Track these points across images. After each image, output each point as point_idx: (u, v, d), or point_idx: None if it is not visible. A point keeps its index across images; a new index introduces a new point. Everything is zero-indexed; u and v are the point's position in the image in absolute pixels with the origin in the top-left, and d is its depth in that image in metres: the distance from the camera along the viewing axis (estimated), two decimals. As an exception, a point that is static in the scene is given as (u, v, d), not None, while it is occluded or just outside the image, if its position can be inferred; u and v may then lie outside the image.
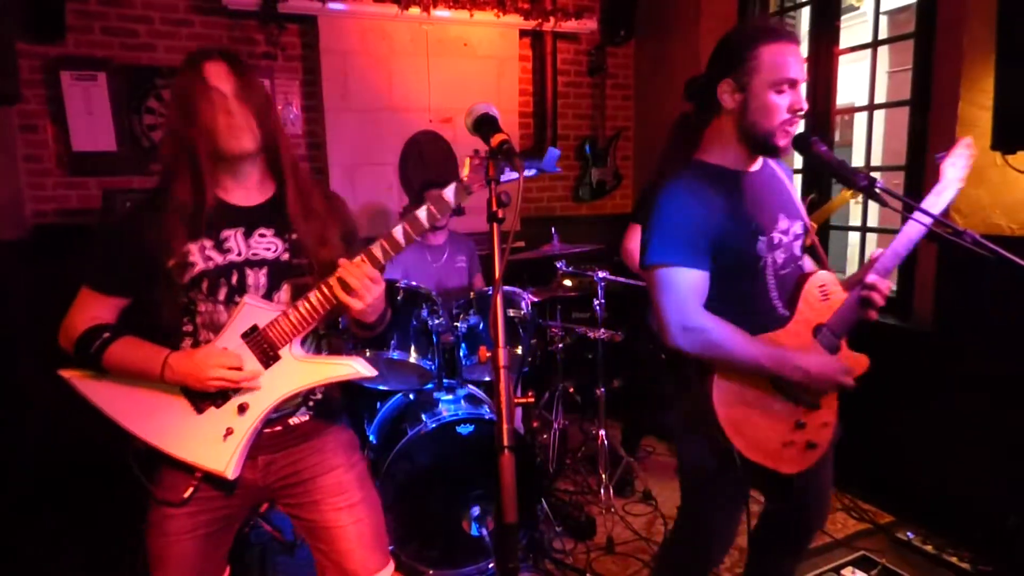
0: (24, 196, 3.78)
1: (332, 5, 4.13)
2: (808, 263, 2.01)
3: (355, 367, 1.63)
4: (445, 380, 3.03)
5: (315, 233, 1.67)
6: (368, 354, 2.79)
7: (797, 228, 1.88)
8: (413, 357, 2.84)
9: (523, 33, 4.78)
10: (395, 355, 2.82)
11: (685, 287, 1.70)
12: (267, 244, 1.66)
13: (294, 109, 4.30)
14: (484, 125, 1.40)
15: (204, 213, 1.60)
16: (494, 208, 1.27)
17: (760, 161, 1.87)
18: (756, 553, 2.26)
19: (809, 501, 2.05)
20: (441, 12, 4.38)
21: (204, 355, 1.55)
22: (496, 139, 1.34)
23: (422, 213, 1.58)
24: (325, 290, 1.58)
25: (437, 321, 2.87)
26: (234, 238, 1.64)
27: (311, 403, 1.75)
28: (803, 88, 1.76)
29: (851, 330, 1.85)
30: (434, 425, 2.70)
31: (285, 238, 1.68)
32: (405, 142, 4.49)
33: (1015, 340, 2.75)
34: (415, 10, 4.30)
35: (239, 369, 1.56)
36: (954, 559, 2.85)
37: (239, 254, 1.63)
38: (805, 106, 1.74)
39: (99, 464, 3.45)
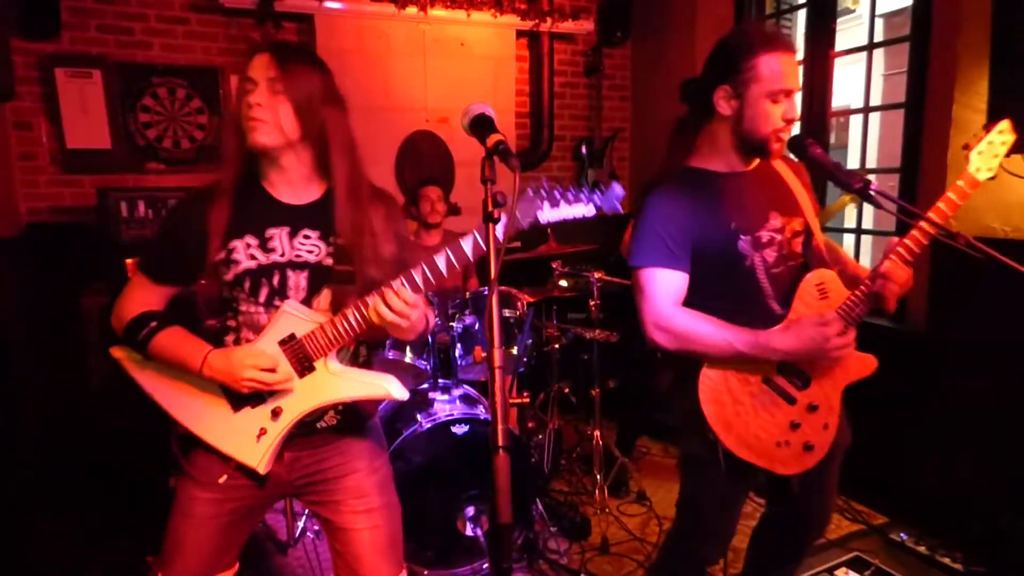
0: (18, 194, 3.77)
1: (329, 4, 4.13)
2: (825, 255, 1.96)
3: (387, 387, 1.61)
4: (440, 380, 3.02)
5: (366, 249, 1.64)
6: (363, 352, 2.78)
7: (796, 225, 1.89)
8: (408, 357, 2.84)
9: (520, 33, 4.78)
10: (391, 355, 2.82)
11: (661, 287, 1.80)
12: (311, 246, 1.64)
13: (290, 108, 4.29)
14: (480, 125, 1.39)
15: (249, 208, 1.61)
16: (490, 208, 1.27)
17: (756, 160, 1.89)
18: (754, 556, 2.27)
19: (810, 506, 2.05)
20: (438, 12, 4.38)
21: (240, 355, 1.56)
22: (492, 139, 1.33)
23: (467, 243, 1.53)
24: (363, 309, 1.56)
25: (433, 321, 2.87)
26: (279, 237, 1.63)
27: (340, 407, 1.74)
28: (797, 96, 1.78)
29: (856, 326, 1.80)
30: (429, 425, 2.70)
31: (330, 241, 1.65)
32: (401, 142, 4.49)
33: (1007, 342, 2.76)
34: (412, 9, 4.30)
35: (272, 371, 1.56)
36: (947, 560, 2.86)
37: (282, 254, 1.63)
38: (797, 114, 1.76)
39: (95, 463, 3.46)
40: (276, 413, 1.62)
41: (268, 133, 1.56)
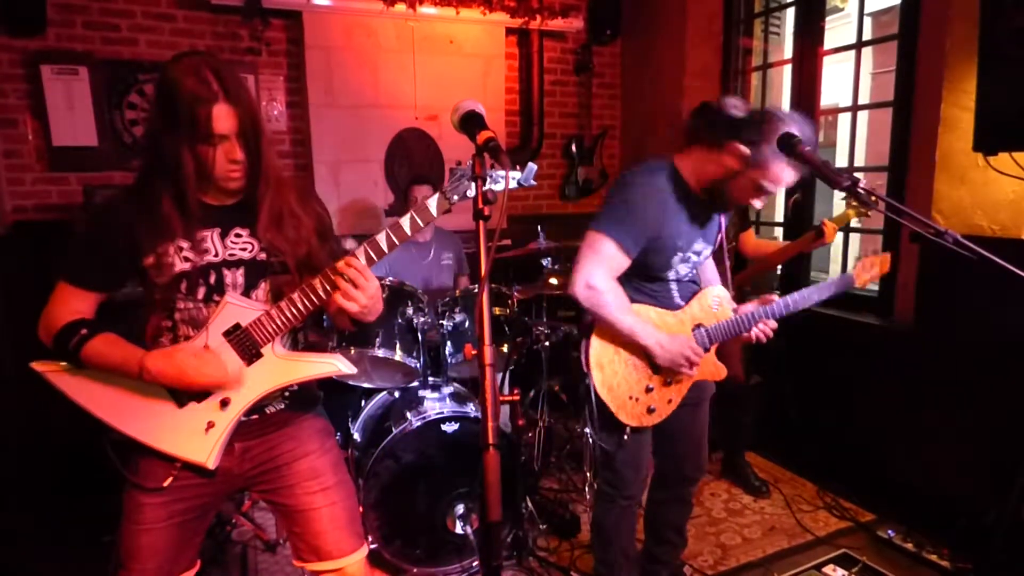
0: (3, 192, 3.72)
1: (317, 0, 4.10)
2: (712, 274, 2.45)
3: (337, 365, 1.66)
4: (430, 378, 3.02)
5: (289, 233, 1.68)
6: (353, 352, 2.78)
7: (707, 252, 2.28)
8: (398, 355, 2.83)
9: (509, 31, 4.77)
10: (380, 353, 2.81)
11: (607, 255, 2.04)
12: (243, 244, 1.67)
13: (278, 105, 4.27)
14: (470, 123, 1.39)
15: (183, 215, 1.59)
16: (480, 206, 1.27)
17: None
18: (649, 501, 2.58)
19: (687, 453, 2.42)
20: (427, 9, 4.35)
21: (186, 357, 1.54)
22: (482, 136, 1.33)
23: (405, 222, 1.58)
24: (309, 292, 1.59)
25: (423, 319, 2.87)
26: (211, 239, 1.64)
27: (287, 393, 1.78)
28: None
29: (725, 341, 2.22)
30: (419, 423, 2.69)
31: (260, 237, 1.68)
32: (391, 139, 4.47)
33: (995, 339, 2.78)
34: (401, 7, 4.27)
35: (223, 372, 1.57)
36: (933, 557, 2.88)
37: (216, 255, 1.64)
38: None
39: (83, 460, 3.43)
40: (225, 403, 1.63)
41: (246, 176, 1.60)
